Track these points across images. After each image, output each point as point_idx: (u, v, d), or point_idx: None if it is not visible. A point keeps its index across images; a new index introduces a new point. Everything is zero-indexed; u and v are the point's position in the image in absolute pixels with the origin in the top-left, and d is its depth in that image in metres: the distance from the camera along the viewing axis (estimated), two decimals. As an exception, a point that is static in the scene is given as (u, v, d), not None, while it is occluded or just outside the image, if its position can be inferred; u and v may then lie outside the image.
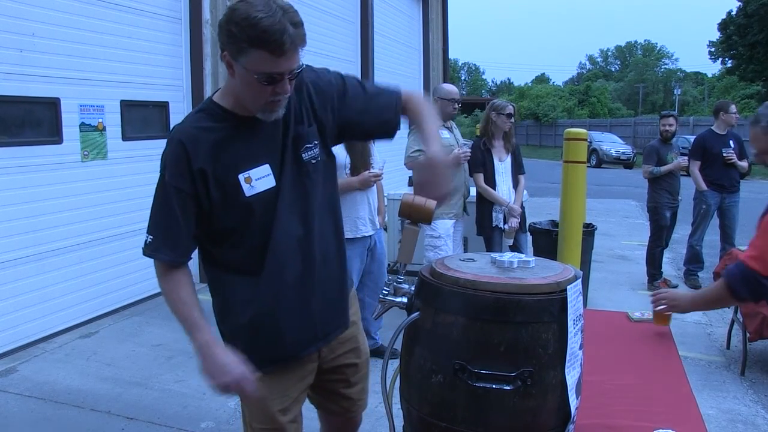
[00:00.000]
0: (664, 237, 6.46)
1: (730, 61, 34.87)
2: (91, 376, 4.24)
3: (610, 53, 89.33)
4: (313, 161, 1.87)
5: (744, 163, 6.28)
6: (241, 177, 1.76)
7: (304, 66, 1.73)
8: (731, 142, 6.25)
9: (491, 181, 5.04)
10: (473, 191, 5.19)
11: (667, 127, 6.37)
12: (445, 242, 4.67)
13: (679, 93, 56.92)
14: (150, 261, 1.84)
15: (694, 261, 6.46)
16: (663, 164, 6.25)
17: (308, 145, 1.86)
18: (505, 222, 5.02)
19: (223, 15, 1.64)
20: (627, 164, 25.61)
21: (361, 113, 1.94)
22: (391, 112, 1.96)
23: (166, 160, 1.77)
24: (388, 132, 1.99)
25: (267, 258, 1.82)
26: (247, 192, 1.77)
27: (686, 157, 6.29)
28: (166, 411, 3.73)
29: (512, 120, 5.04)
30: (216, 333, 1.86)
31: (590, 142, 22.62)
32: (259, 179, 1.78)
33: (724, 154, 6.16)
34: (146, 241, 1.79)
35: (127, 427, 3.58)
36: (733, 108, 6.37)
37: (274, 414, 1.92)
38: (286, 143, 1.83)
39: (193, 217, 1.78)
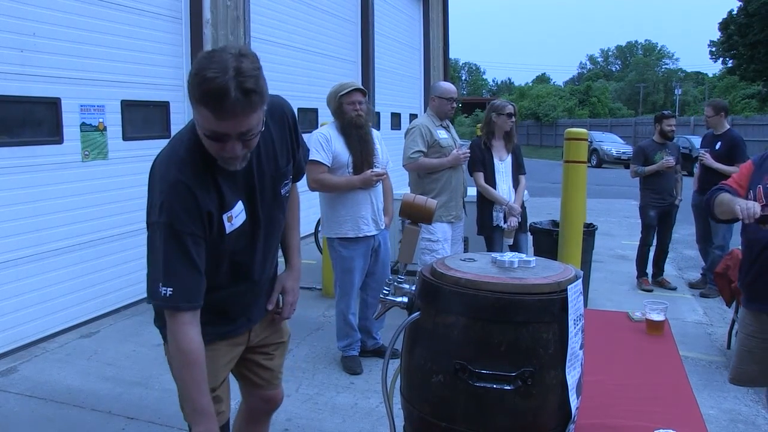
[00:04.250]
0: (651, 236, 6.49)
1: (731, 61, 34.81)
2: (91, 376, 4.24)
3: (610, 53, 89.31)
4: (287, 195, 2.05)
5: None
6: (225, 216, 1.81)
7: (262, 130, 1.72)
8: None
9: (491, 181, 5.03)
10: (472, 191, 5.18)
11: (672, 127, 6.39)
12: (442, 246, 4.66)
13: (679, 93, 56.93)
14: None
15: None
16: (650, 164, 6.28)
17: (286, 182, 2.03)
18: (505, 221, 5.01)
19: None
20: (627, 164, 25.54)
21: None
22: (300, 175, 2.18)
23: (173, 206, 1.70)
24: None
25: (233, 277, 1.96)
26: (228, 229, 1.83)
27: (673, 158, 6.28)
28: (167, 411, 3.72)
29: (513, 119, 5.04)
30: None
31: (591, 142, 22.57)
32: (237, 216, 1.85)
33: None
34: (163, 294, 1.69)
35: (127, 427, 3.58)
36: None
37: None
38: (263, 177, 1.91)
39: (204, 259, 1.77)
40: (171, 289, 1.69)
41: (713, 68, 78.17)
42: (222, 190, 1.78)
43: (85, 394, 3.95)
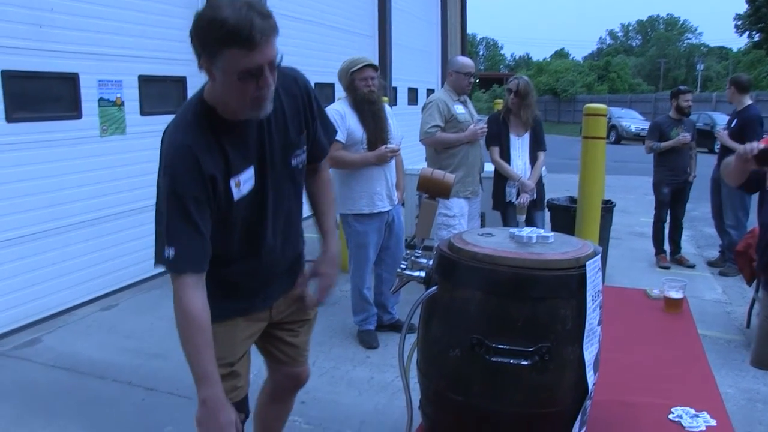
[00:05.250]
0: (665, 213, 6.43)
1: (757, 35, 34.00)
2: (111, 348, 4.31)
3: (631, 28, 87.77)
4: (300, 166, 2.01)
5: None
6: (232, 182, 1.80)
7: (283, 55, 1.70)
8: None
9: (506, 156, 5.00)
10: (489, 167, 5.15)
11: (688, 103, 6.28)
12: (459, 221, 4.64)
13: (701, 68, 55.85)
14: None
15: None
16: (665, 140, 6.20)
17: (298, 152, 1.99)
18: (517, 197, 4.98)
19: (191, 25, 1.63)
20: (647, 141, 25.26)
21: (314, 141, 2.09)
22: (322, 154, 2.17)
23: (176, 169, 1.72)
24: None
25: (246, 249, 1.95)
26: (235, 196, 1.82)
27: (689, 134, 6.19)
28: (185, 382, 3.75)
29: (513, 97, 4.95)
30: None
31: (610, 118, 22.33)
32: (245, 182, 1.83)
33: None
34: (167, 256, 1.73)
35: (147, 398, 3.64)
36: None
37: (224, 363, 2.01)
38: (273, 146, 1.89)
39: (209, 224, 1.77)
40: (174, 250, 1.72)
41: (738, 43, 76.65)
42: (229, 156, 1.78)
43: (106, 365, 4.02)
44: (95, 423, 3.34)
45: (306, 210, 2.21)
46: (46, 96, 4.80)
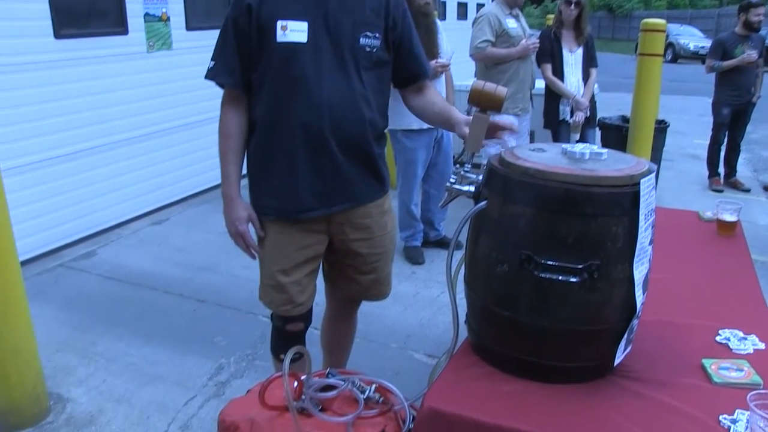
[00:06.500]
0: (723, 135, 6.17)
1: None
2: (163, 261, 4.46)
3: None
4: (368, 49, 1.97)
5: None
6: (279, 23, 1.89)
7: None
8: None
9: (559, 73, 4.84)
10: (540, 83, 5.00)
11: (760, 17, 5.89)
12: (508, 138, 4.55)
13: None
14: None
15: None
16: (728, 59, 5.86)
17: (368, 33, 1.96)
18: (571, 115, 4.86)
19: None
20: (705, 60, 24.11)
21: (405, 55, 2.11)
22: (422, 68, 2.19)
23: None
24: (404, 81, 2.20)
25: (289, 112, 1.95)
26: (279, 38, 1.89)
27: (755, 52, 5.83)
28: (235, 295, 3.90)
29: (573, 8, 4.75)
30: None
31: (667, 36, 21.27)
32: (293, 31, 1.88)
33: None
34: (209, 66, 2.00)
35: (198, 309, 3.78)
36: None
37: (275, 272, 2.11)
38: (340, 16, 1.92)
39: (245, 52, 1.94)
40: (214, 62, 2.00)
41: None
42: (281, 1, 1.90)
43: (158, 278, 4.17)
44: (149, 332, 3.50)
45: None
46: (92, 12, 4.78)
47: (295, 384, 1.64)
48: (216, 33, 1.98)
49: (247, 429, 1.62)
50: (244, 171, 2.09)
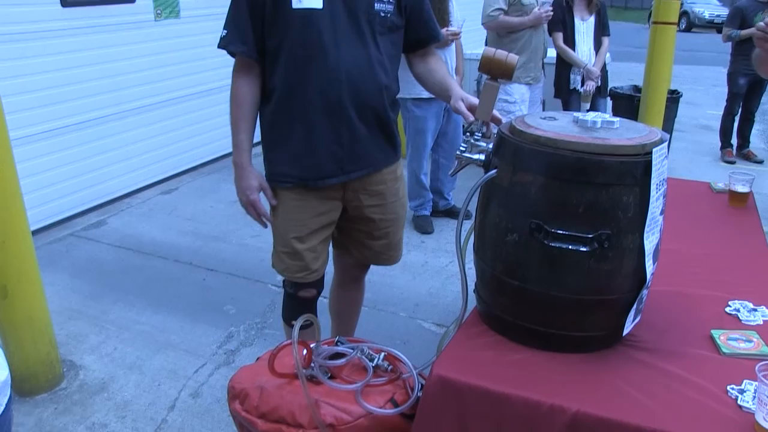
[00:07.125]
0: (737, 106, 6.08)
1: None
2: (173, 230, 4.48)
3: None
4: (382, 14, 1.96)
5: None
6: None
7: None
8: None
9: (571, 41, 4.78)
10: (552, 53, 4.94)
11: None
12: (519, 108, 4.53)
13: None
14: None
15: None
16: (747, 27, 5.71)
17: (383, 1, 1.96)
18: (582, 84, 4.81)
19: None
20: (720, 29, 23.66)
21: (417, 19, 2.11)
22: (432, 32, 2.20)
23: None
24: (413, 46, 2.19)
25: (307, 79, 1.93)
26: (294, 4, 1.87)
27: None
28: (244, 264, 3.92)
29: None
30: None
31: (682, 3, 20.90)
32: None
33: None
34: (221, 35, 1.98)
35: (208, 277, 3.80)
36: None
37: (290, 240, 2.12)
38: None
39: (258, 19, 1.92)
40: (226, 31, 1.98)
41: None
42: None
43: (168, 247, 4.19)
44: (160, 300, 3.53)
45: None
46: (99, -21, 4.74)
47: (305, 352, 1.65)
48: (222, 1, 1.97)
49: (256, 396, 1.64)
50: (256, 140, 2.09)
